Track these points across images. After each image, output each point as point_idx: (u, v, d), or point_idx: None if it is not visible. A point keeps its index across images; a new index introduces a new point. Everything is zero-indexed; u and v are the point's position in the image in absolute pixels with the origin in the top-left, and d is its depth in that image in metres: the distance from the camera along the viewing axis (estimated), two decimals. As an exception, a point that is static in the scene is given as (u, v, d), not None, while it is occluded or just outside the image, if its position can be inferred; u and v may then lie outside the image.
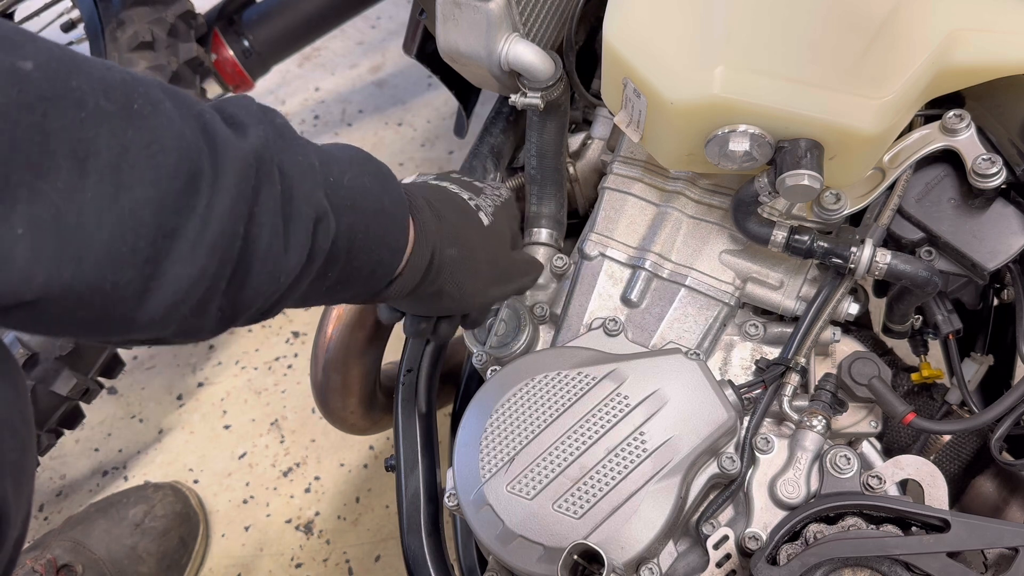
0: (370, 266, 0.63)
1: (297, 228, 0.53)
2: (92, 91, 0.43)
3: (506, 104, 0.98)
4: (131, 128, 0.44)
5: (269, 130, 0.54)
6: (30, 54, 0.41)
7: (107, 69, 0.45)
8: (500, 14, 0.80)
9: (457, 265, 0.70)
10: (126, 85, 0.45)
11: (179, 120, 0.47)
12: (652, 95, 0.72)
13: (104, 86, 0.44)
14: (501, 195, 0.80)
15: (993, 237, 0.79)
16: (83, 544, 1.25)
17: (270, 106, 0.58)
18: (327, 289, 0.61)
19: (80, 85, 0.43)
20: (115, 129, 0.43)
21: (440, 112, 1.93)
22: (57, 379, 1.22)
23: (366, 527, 1.39)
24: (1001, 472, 0.85)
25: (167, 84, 0.49)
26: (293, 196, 0.53)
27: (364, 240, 0.61)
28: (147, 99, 0.46)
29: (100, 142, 0.43)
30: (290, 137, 0.56)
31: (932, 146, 0.80)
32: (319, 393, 1.02)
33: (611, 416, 0.72)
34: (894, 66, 0.70)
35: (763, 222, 0.79)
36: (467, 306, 0.75)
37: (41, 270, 0.41)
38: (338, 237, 0.58)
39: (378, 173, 0.64)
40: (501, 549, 0.70)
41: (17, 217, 0.40)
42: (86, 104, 0.43)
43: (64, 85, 0.42)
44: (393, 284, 0.66)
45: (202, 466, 1.48)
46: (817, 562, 0.66)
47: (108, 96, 0.44)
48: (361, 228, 0.60)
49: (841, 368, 0.79)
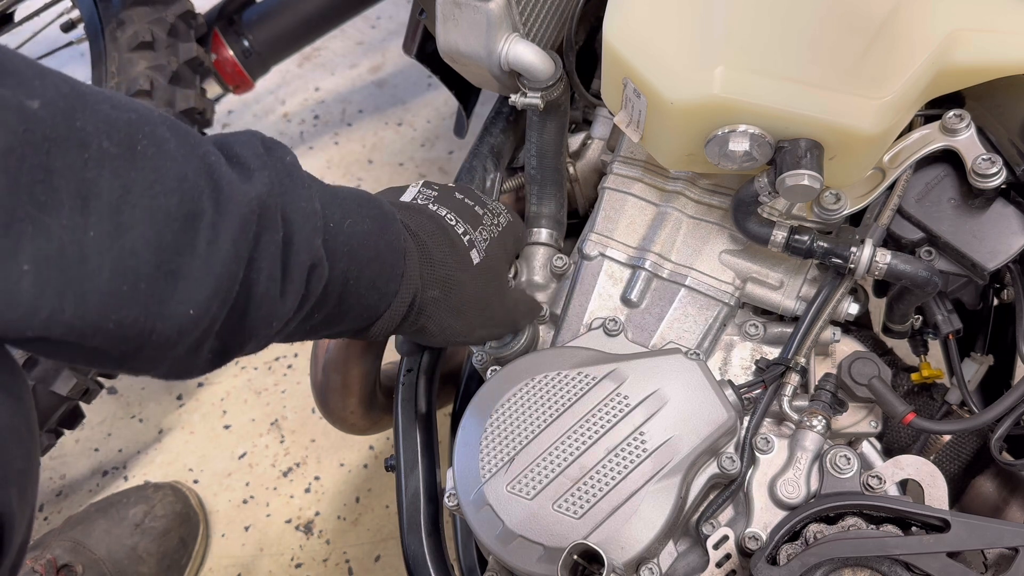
0: (358, 309, 0.63)
1: (294, 275, 0.54)
2: (96, 132, 0.43)
3: (506, 104, 0.98)
4: (134, 169, 0.44)
5: (274, 174, 0.54)
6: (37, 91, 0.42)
7: (113, 107, 0.45)
8: (500, 14, 0.80)
9: (439, 306, 0.70)
10: (131, 126, 0.45)
11: (182, 161, 0.47)
12: (652, 95, 0.72)
13: (108, 127, 0.44)
14: (500, 224, 0.79)
15: (993, 237, 0.79)
16: (83, 544, 1.25)
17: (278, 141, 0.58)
18: (311, 328, 0.62)
19: (84, 126, 0.43)
20: (117, 170, 0.44)
21: (440, 112, 1.93)
22: (57, 379, 1.22)
23: (366, 527, 1.39)
24: (1001, 472, 0.85)
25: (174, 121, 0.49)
26: (293, 242, 0.53)
27: (356, 285, 0.61)
28: (152, 139, 0.46)
29: (102, 183, 0.43)
30: (296, 179, 0.56)
31: (932, 146, 0.80)
32: (319, 393, 1.02)
33: (611, 416, 0.72)
34: (894, 66, 0.70)
35: (763, 222, 0.79)
36: (451, 343, 0.75)
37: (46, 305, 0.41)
38: (331, 283, 0.58)
39: (379, 218, 0.64)
40: (501, 549, 0.70)
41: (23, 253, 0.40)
42: (89, 145, 0.43)
43: (69, 125, 0.42)
44: (374, 325, 0.67)
45: (202, 466, 1.48)
46: (817, 562, 0.66)
47: (112, 137, 0.44)
48: (354, 274, 0.61)
49: (841, 368, 0.79)
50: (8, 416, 0.46)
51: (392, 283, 0.64)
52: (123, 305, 0.44)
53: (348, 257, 0.59)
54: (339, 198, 0.61)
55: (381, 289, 0.64)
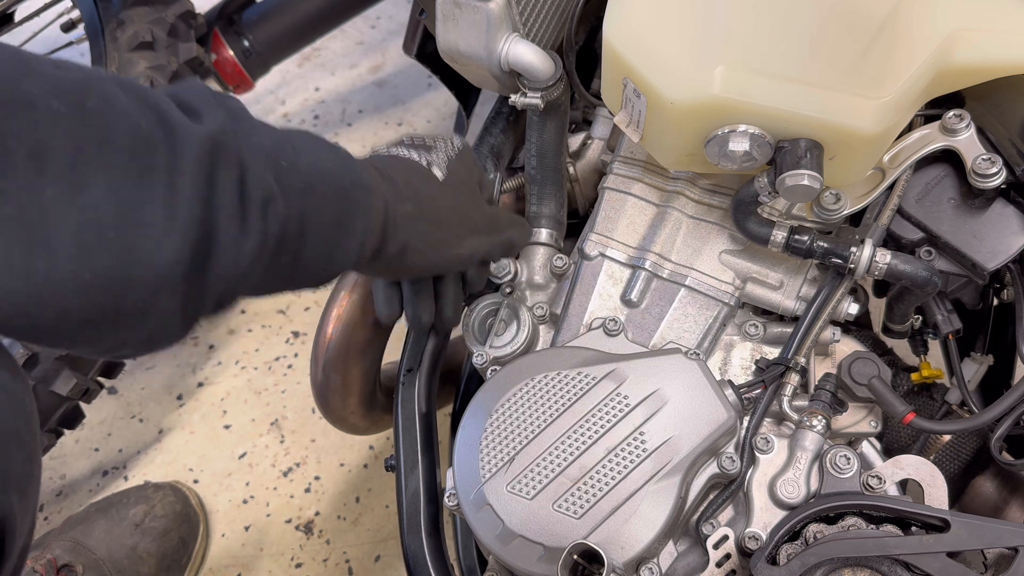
0: (327, 249, 0.62)
1: (250, 211, 0.54)
2: (43, 93, 0.44)
3: (506, 104, 0.98)
4: (84, 126, 0.45)
5: (223, 113, 0.55)
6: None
7: (59, 68, 0.46)
8: (500, 14, 0.80)
9: (415, 219, 0.69)
10: (78, 84, 0.46)
11: (135, 114, 0.48)
12: (652, 95, 0.72)
13: (55, 87, 0.45)
14: (455, 146, 0.78)
15: (993, 237, 0.79)
16: (83, 544, 1.25)
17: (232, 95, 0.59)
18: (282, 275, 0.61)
19: (31, 88, 0.44)
20: (69, 129, 0.45)
21: (440, 112, 1.93)
22: (57, 379, 1.22)
23: (366, 527, 1.39)
24: (1001, 472, 0.85)
25: (124, 78, 0.50)
26: (246, 179, 0.54)
27: (318, 224, 0.60)
28: (102, 96, 0.47)
29: (55, 143, 0.44)
30: (244, 119, 0.57)
31: (932, 146, 0.80)
32: (319, 393, 1.02)
33: (611, 416, 0.72)
34: (894, 66, 0.70)
35: (763, 222, 0.79)
36: (443, 260, 0.73)
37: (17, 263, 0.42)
38: (289, 219, 0.58)
39: (338, 157, 0.64)
40: (501, 549, 0.70)
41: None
42: (37, 106, 0.44)
43: (15, 88, 0.43)
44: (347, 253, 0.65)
45: (202, 466, 1.48)
46: (817, 562, 0.66)
47: (60, 97, 0.45)
48: (314, 212, 0.60)
49: (841, 368, 0.79)
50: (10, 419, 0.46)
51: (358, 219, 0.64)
52: (94, 255, 0.45)
53: (305, 193, 0.59)
54: (290, 139, 0.61)
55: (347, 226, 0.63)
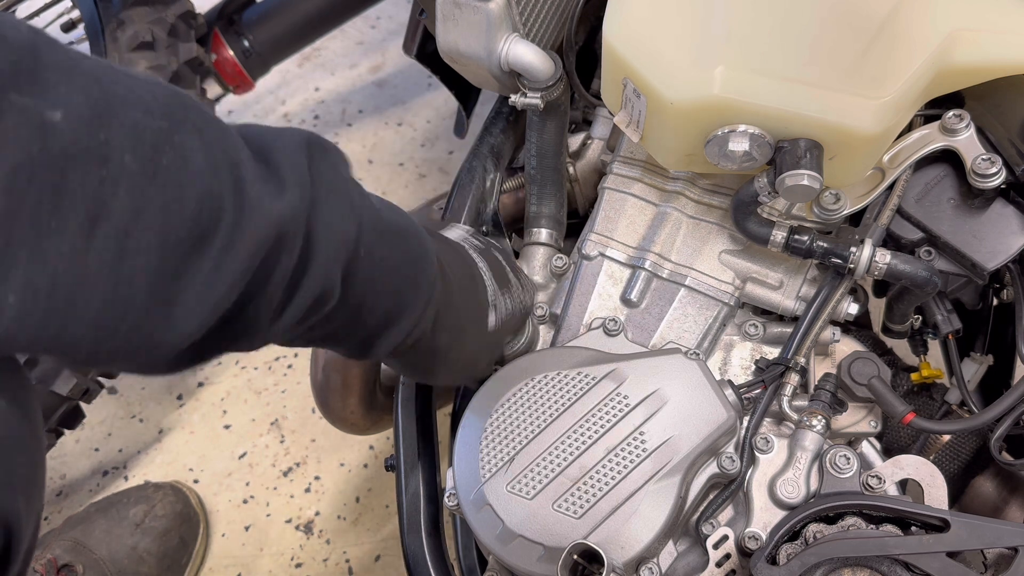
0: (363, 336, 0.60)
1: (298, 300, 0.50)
2: (120, 146, 0.40)
3: (506, 104, 0.98)
4: (152, 187, 0.41)
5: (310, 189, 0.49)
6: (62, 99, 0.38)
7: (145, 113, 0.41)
8: (500, 14, 0.80)
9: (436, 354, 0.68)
10: (159, 136, 0.42)
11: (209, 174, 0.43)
12: (652, 95, 0.72)
13: (135, 139, 0.40)
14: (524, 301, 0.78)
15: (993, 237, 0.79)
16: (83, 544, 1.25)
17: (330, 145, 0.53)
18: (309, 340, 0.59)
19: (109, 139, 0.39)
20: (133, 188, 0.40)
21: (440, 112, 1.93)
22: (57, 379, 1.22)
23: (366, 527, 1.39)
24: (1001, 472, 0.85)
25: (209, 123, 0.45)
26: (309, 266, 0.50)
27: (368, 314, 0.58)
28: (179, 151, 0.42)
29: (115, 203, 0.40)
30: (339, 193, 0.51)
31: (932, 146, 0.80)
32: (319, 393, 1.02)
33: (611, 416, 0.72)
34: (894, 66, 0.70)
35: (763, 222, 0.79)
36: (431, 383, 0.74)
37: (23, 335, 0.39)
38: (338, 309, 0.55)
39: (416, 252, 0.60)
40: (501, 549, 0.70)
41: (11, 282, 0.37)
42: (110, 160, 0.39)
43: (92, 137, 0.39)
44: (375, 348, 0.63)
45: (202, 466, 1.48)
46: (817, 562, 0.66)
47: (136, 151, 0.40)
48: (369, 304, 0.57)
49: (841, 368, 0.79)
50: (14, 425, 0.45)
51: (405, 320, 0.61)
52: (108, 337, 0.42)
53: (367, 285, 0.56)
54: (382, 222, 0.56)
55: (393, 323, 0.60)
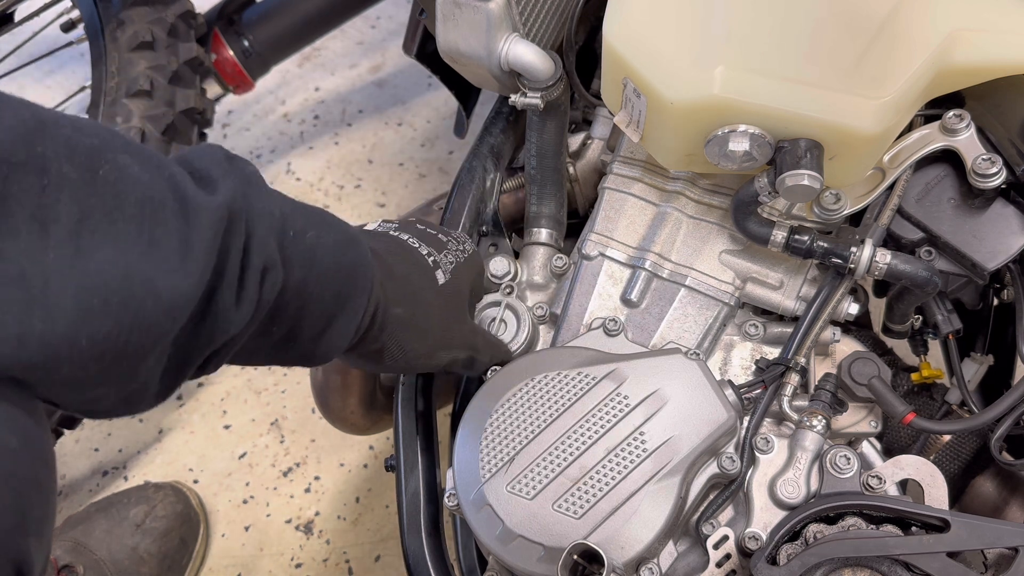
0: (323, 326, 0.62)
1: (248, 280, 0.53)
2: (56, 157, 0.44)
3: (506, 104, 0.98)
4: (93, 194, 0.45)
5: (237, 182, 0.54)
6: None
7: (77, 131, 0.46)
8: (500, 14, 0.80)
9: (403, 326, 0.69)
10: (93, 151, 0.46)
11: (146, 183, 0.48)
12: (652, 95, 0.72)
13: (70, 151, 0.45)
14: (465, 250, 0.79)
15: (993, 237, 0.79)
16: (84, 544, 1.25)
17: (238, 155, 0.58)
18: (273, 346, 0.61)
19: (45, 151, 0.43)
20: (76, 195, 0.44)
21: (440, 112, 1.93)
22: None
23: (366, 527, 1.39)
24: (1001, 472, 0.85)
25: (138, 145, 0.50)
26: (250, 246, 0.53)
27: (317, 298, 0.60)
28: (114, 164, 0.46)
29: (60, 207, 0.43)
30: (257, 186, 0.56)
31: (932, 146, 0.80)
32: (319, 393, 1.02)
33: (611, 416, 0.72)
34: (894, 66, 0.70)
35: (763, 222, 0.79)
36: (412, 367, 0.73)
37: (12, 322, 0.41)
38: (286, 290, 0.57)
39: (344, 235, 0.63)
40: (501, 549, 0.70)
41: None
42: (49, 170, 0.43)
43: (30, 150, 0.43)
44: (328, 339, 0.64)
45: (202, 466, 1.48)
46: (817, 562, 0.66)
47: (73, 162, 0.44)
48: (315, 286, 0.59)
49: (841, 368, 0.79)
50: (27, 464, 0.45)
51: (357, 299, 0.63)
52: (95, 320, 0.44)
53: (308, 266, 0.59)
54: (304, 211, 0.61)
55: (345, 305, 0.62)
